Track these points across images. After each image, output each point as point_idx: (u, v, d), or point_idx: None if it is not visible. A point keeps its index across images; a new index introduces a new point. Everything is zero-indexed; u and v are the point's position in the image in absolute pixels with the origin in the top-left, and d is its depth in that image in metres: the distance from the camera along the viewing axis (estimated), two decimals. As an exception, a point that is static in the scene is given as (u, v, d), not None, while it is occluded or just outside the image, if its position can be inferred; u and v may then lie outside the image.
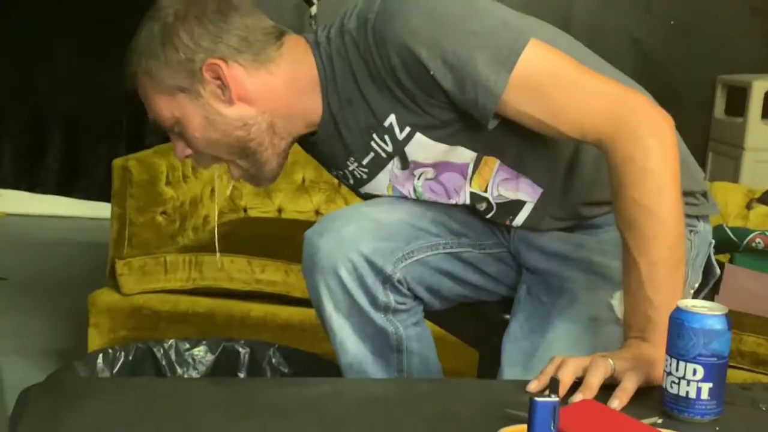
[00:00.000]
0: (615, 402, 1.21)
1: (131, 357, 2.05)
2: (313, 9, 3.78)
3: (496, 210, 1.57)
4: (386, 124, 1.47)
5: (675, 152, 1.34)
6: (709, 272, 1.60)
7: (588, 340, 1.44)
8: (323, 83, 1.48)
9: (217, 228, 2.84)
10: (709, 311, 1.18)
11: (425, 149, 1.49)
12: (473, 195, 1.55)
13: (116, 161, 2.73)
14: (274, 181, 1.58)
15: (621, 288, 1.38)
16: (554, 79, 1.37)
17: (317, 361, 2.05)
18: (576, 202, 1.55)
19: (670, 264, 1.32)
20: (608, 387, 1.23)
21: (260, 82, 1.46)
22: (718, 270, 1.61)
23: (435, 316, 1.71)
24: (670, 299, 1.23)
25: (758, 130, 4.00)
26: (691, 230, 1.52)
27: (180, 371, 2.07)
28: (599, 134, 1.35)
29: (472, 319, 1.72)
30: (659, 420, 1.18)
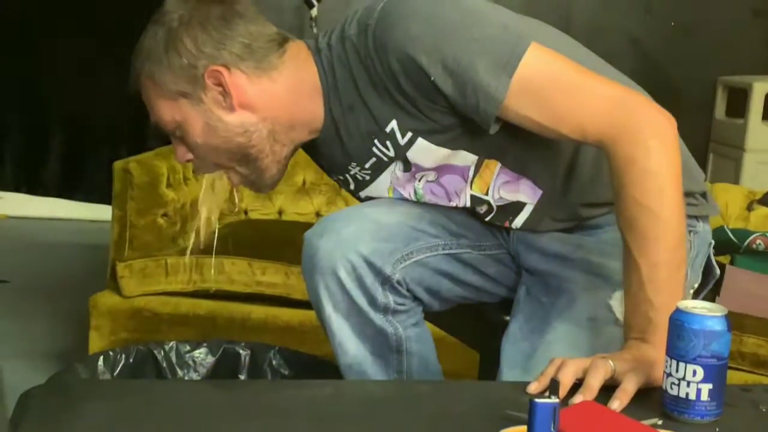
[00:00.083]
0: (615, 403, 1.21)
1: (132, 359, 2.05)
2: (314, 11, 3.78)
3: (496, 212, 1.57)
4: (388, 130, 1.47)
5: (677, 153, 1.34)
6: (709, 273, 1.60)
7: (587, 341, 1.44)
8: (325, 90, 1.48)
9: (218, 231, 2.84)
10: (709, 312, 1.18)
11: (427, 154, 1.49)
12: (474, 198, 1.55)
13: (117, 163, 2.73)
14: (274, 188, 1.58)
15: (620, 288, 1.38)
16: (555, 83, 1.37)
17: (318, 363, 2.05)
18: (575, 204, 1.55)
19: (671, 265, 1.32)
20: (608, 388, 1.23)
21: (262, 90, 1.46)
22: (718, 270, 1.61)
23: (435, 318, 1.71)
24: (671, 300, 1.23)
25: (759, 132, 4.00)
26: (691, 230, 1.52)
27: (181, 373, 2.07)
28: (601, 136, 1.35)
29: (472, 321, 1.72)
30: (659, 421, 1.18)
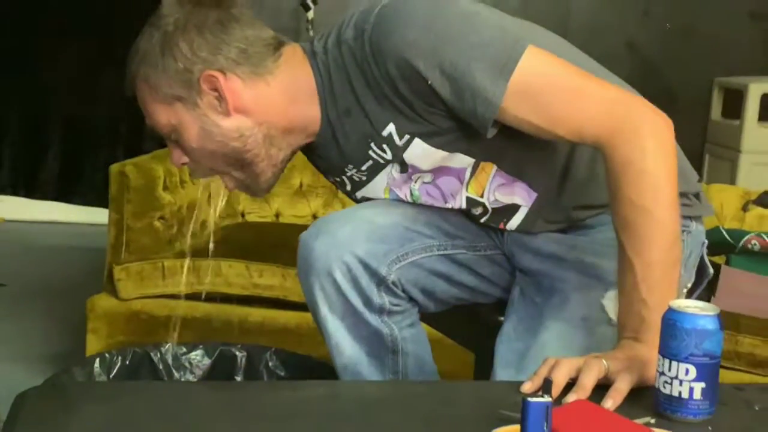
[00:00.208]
0: (608, 402, 1.21)
1: (128, 361, 2.05)
2: (310, 14, 3.79)
3: (491, 214, 1.58)
4: (384, 134, 1.47)
5: (673, 155, 1.34)
6: (703, 272, 1.61)
7: (580, 341, 1.44)
8: (321, 93, 1.48)
9: (215, 233, 2.85)
10: (701, 311, 1.18)
11: (424, 156, 1.49)
12: (469, 199, 1.56)
13: (113, 167, 2.74)
14: (269, 192, 1.58)
15: (613, 288, 1.39)
16: (552, 85, 1.37)
17: (313, 364, 2.04)
18: (569, 206, 1.55)
19: (666, 265, 1.32)
20: (602, 387, 1.23)
21: (257, 94, 1.46)
22: (711, 270, 1.61)
23: (431, 319, 1.71)
24: (665, 300, 1.23)
25: (755, 133, 4.00)
26: (684, 230, 1.52)
27: (177, 375, 2.07)
28: (598, 137, 1.35)
29: (468, 322, 1.72)
30: (652, 420, 1.18)
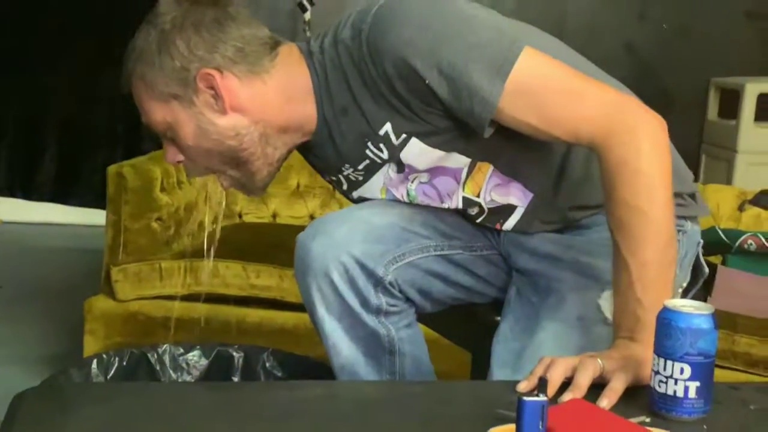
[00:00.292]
0: (604, 401, 1.21)
1: (125, 362, 2.04)
2: (307, 15, 3.79)
3: (487, 214, 1.58)
4: (381, 133, 1.47)
5: (667, 155, 1.35)
6: (698, 272, 1.61)
7: (576, 340, 1.45)
8: (317, 92, 1.48)
9: (211, 235, 2.84)
10: (696, 310, 1.19)
11: (421, 155, 1.49)
12: (466, 199, 1.56)
13: (111, 168, 2.74)
14: (265, 191, 1.58)
15: (609, 288, 1.39)
16: (548, 86, 1.38)
17: (311, 365, 2.04)
18: (564, 206, 1.56)
19: (661, 265, 1.33)
20: (597, 386, 1.23)
21: (254, 93, 1.46)
22: (707, 270, 1.62)
23: (428, 320, 1.71)
24: (660, 300, 1.23)
25: (751, 133, 4.01)
26: (679, 230, 1.52)
27: (174, 376, 2.07)
28: (593, 138, 1.36)
29: (465, 322, 1.72)
30: (647, 419, 1.19)
